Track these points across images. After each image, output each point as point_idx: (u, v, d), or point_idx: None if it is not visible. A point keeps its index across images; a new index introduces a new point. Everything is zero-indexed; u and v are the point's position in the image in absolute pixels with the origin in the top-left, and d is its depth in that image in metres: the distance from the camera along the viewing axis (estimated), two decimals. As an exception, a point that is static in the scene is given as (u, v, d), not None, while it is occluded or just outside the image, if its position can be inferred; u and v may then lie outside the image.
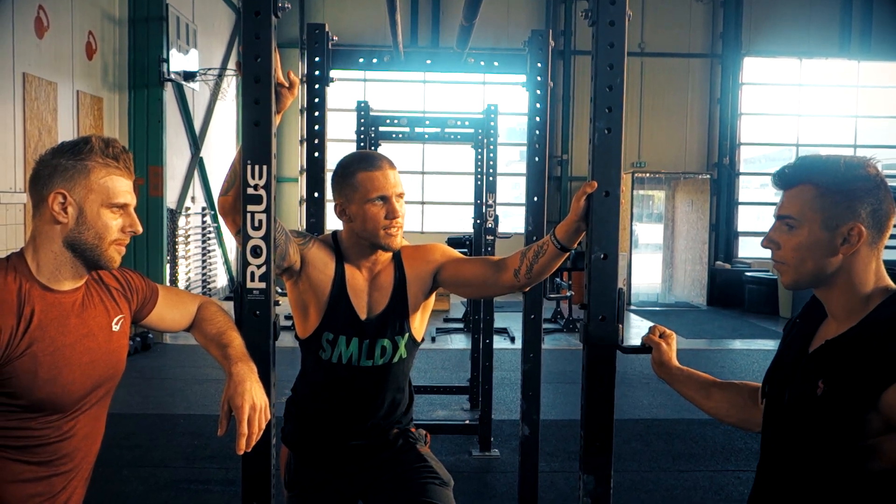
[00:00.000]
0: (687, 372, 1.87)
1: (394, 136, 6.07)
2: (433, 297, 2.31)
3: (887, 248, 1.56)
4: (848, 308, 1.47)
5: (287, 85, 1.88)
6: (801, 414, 1.48)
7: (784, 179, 1.52)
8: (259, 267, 1.78)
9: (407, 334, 2.23)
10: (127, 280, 1.79)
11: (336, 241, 2.27)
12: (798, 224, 1.48)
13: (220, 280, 12.09)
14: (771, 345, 9.24)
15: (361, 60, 3.27)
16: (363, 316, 2.20)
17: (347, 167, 2.19)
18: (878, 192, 1.44)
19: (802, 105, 14.32)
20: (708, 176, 13.05)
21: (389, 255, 2.24)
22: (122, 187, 1.63)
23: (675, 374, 1.87)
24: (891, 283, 1.49)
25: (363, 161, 2.20)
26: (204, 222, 11.23)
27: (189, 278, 10.67)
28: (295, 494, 2.30)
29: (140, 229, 1.67)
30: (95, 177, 1.59)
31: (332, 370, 2.21)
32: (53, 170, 1.57)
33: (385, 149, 6.69)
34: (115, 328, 1.71)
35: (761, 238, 1.58)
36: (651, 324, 1.96)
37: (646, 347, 1.91)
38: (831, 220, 1.44)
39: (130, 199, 1.65)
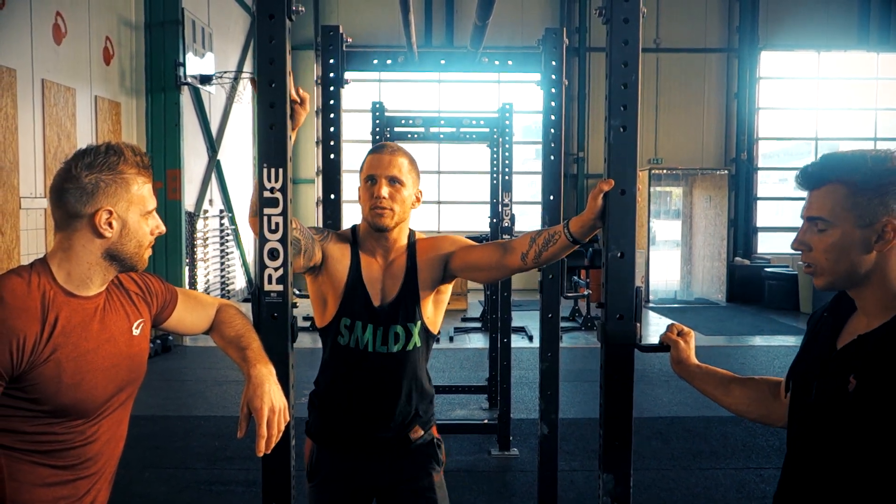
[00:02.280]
0: (706, 369, 1.86)
1: (409, 136, 6.08)
2: (448, 290, 2.36)
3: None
4: (882, 304, 1.44)
5: (299, 101, 1.92)
6: (831, 410, 1.45)
7: (810, 179, 1.48)
8: (276, 269, 1.79)
9: (419, 322, 2.27)
10: (147, 284, 1.81)
11: (354, 233, 2.36)
12: (830, 224, 1.44)
13: (239, 282, 12.15)
14: (792, 341, 9.16)
15: (376, 62, 3.27)
16: (377, 303, 2.26)
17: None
18: None
19: (821, 98, 14.19)
20: (726, 171, 12.96)
21: (404, 244, 2.31)
22: (151, 193, 1.67)
23: (693, 371, 1.86)
24: None
25: (374, 147, 2.32)
26: (222, 225, 11.29)
27: (208, 281, 10.74)
28: (315, 485, 2.34)
29: (164, 229, 1.71)
30: (134, 189, 1.62)
31: (349, 356, 2.26)
32: (94, 187, 1.57)
33: (401, 149, 6.69)
34: (136, 332, 1.73)
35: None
36: (670, 321, 1.95)
37: (664, 346, 1.90)
38: (864, 218, 1.41)
39: (155, 202, 1.70)
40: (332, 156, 3.12)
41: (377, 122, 5.31)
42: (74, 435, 1.61)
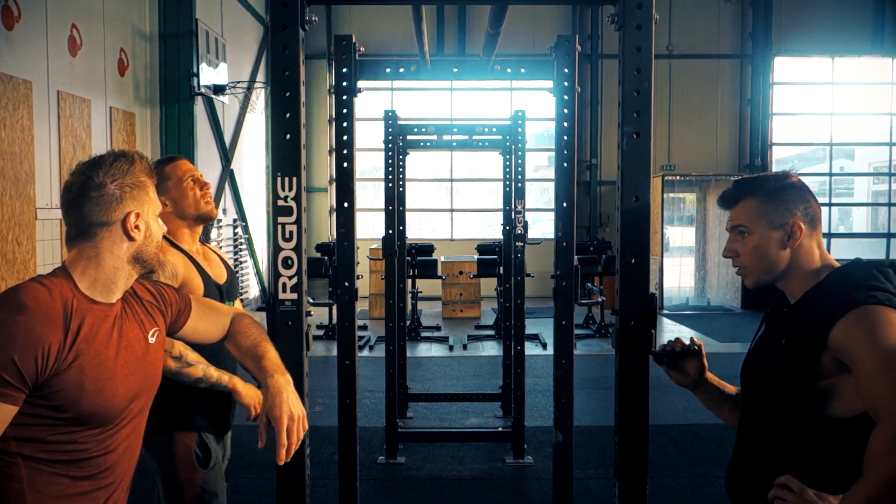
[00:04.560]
0: (716, 384, 1.98)
1: (422, 144, 6.09)
2: None
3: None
4: (802, 286, 1.74)
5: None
6: (769, 375, 1.71)
7: (728, 200, 1.81)
8: (290, 278, 1.80)
9: None
10: (161, 294, 1.82)
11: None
12: (749, 230, 1.75)
13: (253, 291, 12.20)
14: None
15: (388, 70, 3.29)
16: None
17: None
18: (804, 195, 1.75)
19: (835, 104, 14.11)
20: (739, 177, 12.87)
21: None
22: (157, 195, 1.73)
23: (709, 386, 1.96)
24: (834, 262, 1.76)
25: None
26: (235, 234, 11.35)
27: (222, 289, 10.77)
28: (211, 468, 2.55)
29: (166, 229, 1.78)
30: (151, 192, 1.68)
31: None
32: (121, 193, 1.62)
33: (413, 157, 6.71)
34: (152, 340, 1.74)
35: None
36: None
37: (682, 353, 1.89)
38: (775, 222, 1.73)
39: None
40: (345, 164, 3.12)
41: (390, 130, 5.32)
42: (94, 444, 1.62)
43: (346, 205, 3.20)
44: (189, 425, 2.47)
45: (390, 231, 5.16)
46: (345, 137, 3.13)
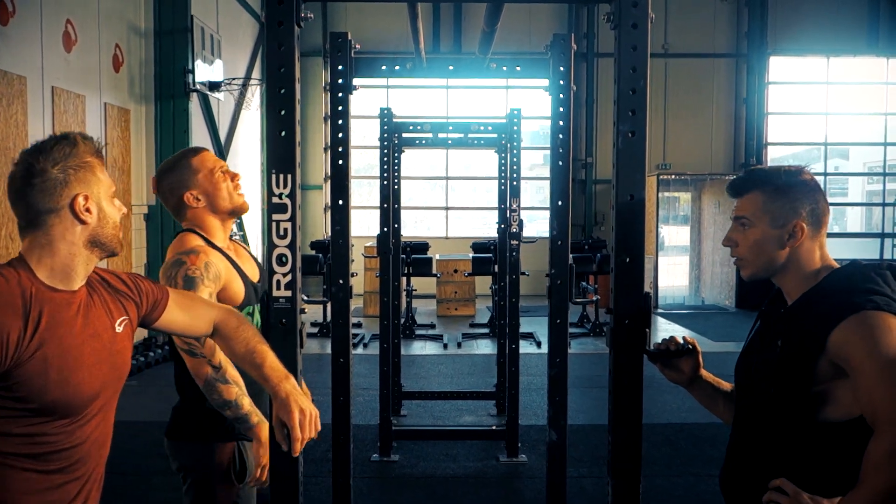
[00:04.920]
0: (711, 381, 1.98)
1: (417, 142, 6.09)
2: None
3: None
4: (800, 286, 1.73)
5: None
6: (764, 375, 1.71)
7: (737, 189, 1.81)
8: (285, 275, 1.79)
9: None
10: (136, 284, 1.80)
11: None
12: (751, 224, 1.75)
13: (247, 288, 12.16)
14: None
15: (384, 68, 3.28)
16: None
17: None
18: (814, 194, 1.73)
19: (830, 103, 14.14)
20: (735, 177, 12.90)
21: None
22: (109, 176, 1.68)
23: (704, 383, 1.96)
24: (834, 263, 1.75)
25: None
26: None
27: (216, 286, 10.75)
28: (246, 483, 2.34)
29: (126, 210, 1.73)
30: (99, 173, 1.63)
31: None
32: (65, 176, 1.57)
33: (409, 155, 6.71)
34: (119, 329, 1.71)
35: None
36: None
37: (675, 352, 1.90)
38: (778, 220, 1.72)
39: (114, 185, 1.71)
40: (340, 162, 3.12)
41: (385, 127, 5.32)
42: (63, 436, 1.60)
43: (340, 202, 3.19)
44: (230, 434, 2.30)
45: (385, 229, 5.16)
46: (340, 135, 3.12)
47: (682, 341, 1.91)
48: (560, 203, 3.42)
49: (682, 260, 13.94)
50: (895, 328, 1.56)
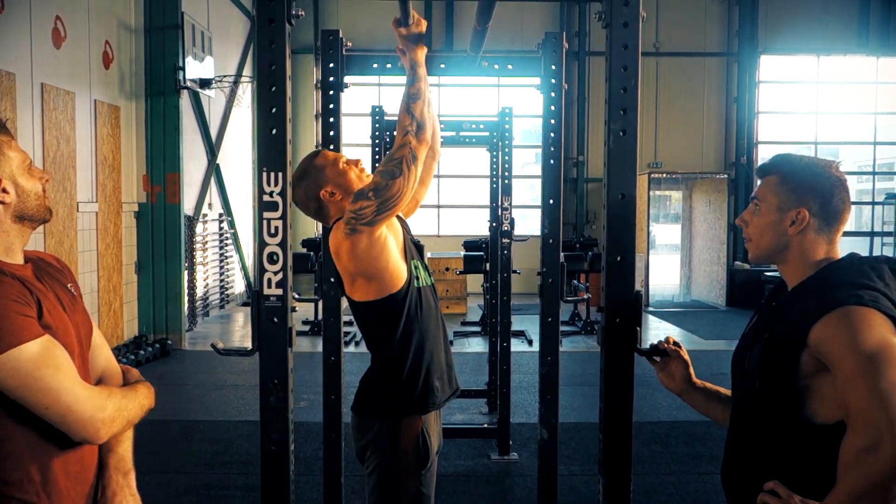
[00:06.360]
0: (703, 388, 1.99)
1: (409, 140, 6.05)
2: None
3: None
4: (799, 274, 1.73)
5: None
6: (752, 366, 1.72)
7: (762, 171, 1.81)
8: (276, 273, 1.79)
9: None
10: (66, 268, 1.81)
11: None
12: (762, 205, 1.76)
13: (238, 286, 12.15)
14: (791, 345, 9.14)
15: (375, 66, 3.28)
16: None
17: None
18: (832, 189, 1.70)
19: (821, 102, 14.20)
20: (725, 175, 12.95)
21: None
22: (20, 149, 1.67)
23: (695, 390, 1.98)
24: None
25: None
26: (221, 229, 11.29)
27: (207, 285, 10.73)
28: (429, 467, 2.33)
29: (49, 177, 1.71)
30: (7, 150, 1.62)
31: (426, 298, 2.35)
32: None
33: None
34: (73, 291, 1.74)
35: None
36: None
37: (662, 350, 1.93)
38: (783, 204, 1.72)
39: (28, 155, 1.69)
40: (331, 160, 3.11)
41: (377, 125, 5.31)
42: None
43: (332, 200, 3.18)
44: (418, 407, 2.30)
45: (377, 227, 5.14)
46: (331, 133, 3.12)
47: (670, 345, 1.95)
48: (551, 201, 3.42)
49: (673, 258, 13.99)
50: (876, 324, 1.54)
